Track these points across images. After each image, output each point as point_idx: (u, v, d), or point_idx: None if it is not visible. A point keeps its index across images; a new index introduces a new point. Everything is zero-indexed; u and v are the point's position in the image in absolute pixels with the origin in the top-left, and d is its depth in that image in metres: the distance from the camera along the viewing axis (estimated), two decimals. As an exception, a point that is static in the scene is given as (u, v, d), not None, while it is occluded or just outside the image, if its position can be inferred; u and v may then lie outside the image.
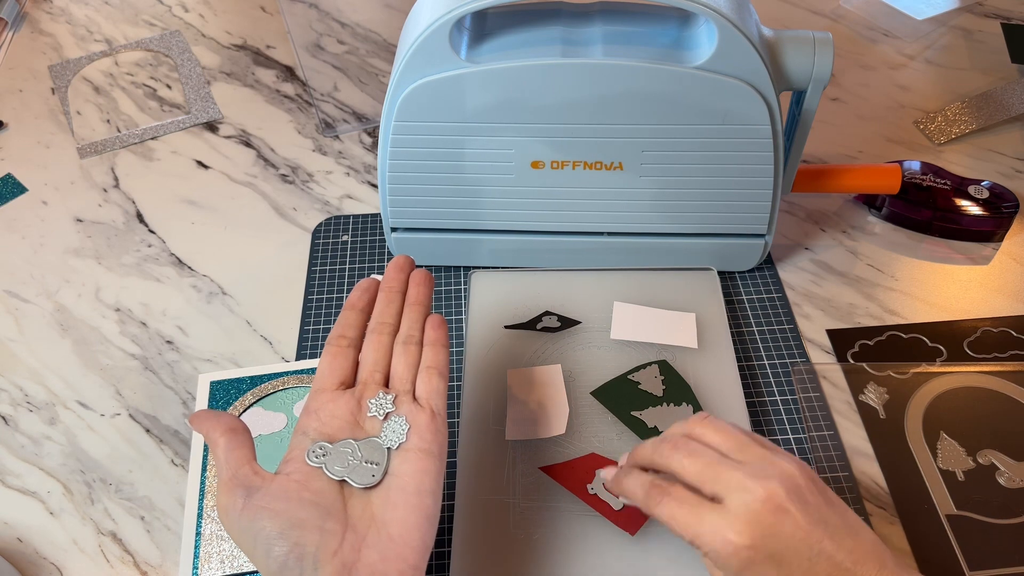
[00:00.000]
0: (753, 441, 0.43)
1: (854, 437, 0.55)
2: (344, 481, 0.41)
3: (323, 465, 0.41)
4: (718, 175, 0.58)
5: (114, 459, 0.56)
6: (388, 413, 0.44)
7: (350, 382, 0.46)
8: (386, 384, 0.46)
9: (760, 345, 0.60)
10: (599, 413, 0.55)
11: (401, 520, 0.40)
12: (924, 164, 0.69)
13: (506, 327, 0.60)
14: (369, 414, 0.44)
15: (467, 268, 0.65)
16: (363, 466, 0.42)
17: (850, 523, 0.41)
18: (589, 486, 0.51)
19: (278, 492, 0.40)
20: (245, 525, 0.39)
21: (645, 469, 0.45)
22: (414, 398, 0.45)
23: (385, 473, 0.42)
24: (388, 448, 0.43)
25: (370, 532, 0.40)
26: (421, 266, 0.65)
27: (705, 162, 0.57)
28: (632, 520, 0.49)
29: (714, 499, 0.41)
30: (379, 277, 0.50)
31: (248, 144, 0.77)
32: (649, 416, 0.54)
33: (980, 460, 0.54)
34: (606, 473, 0.49)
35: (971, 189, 0.67)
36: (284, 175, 0.74)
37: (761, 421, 0.56)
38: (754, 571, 0.39)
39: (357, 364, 0.47)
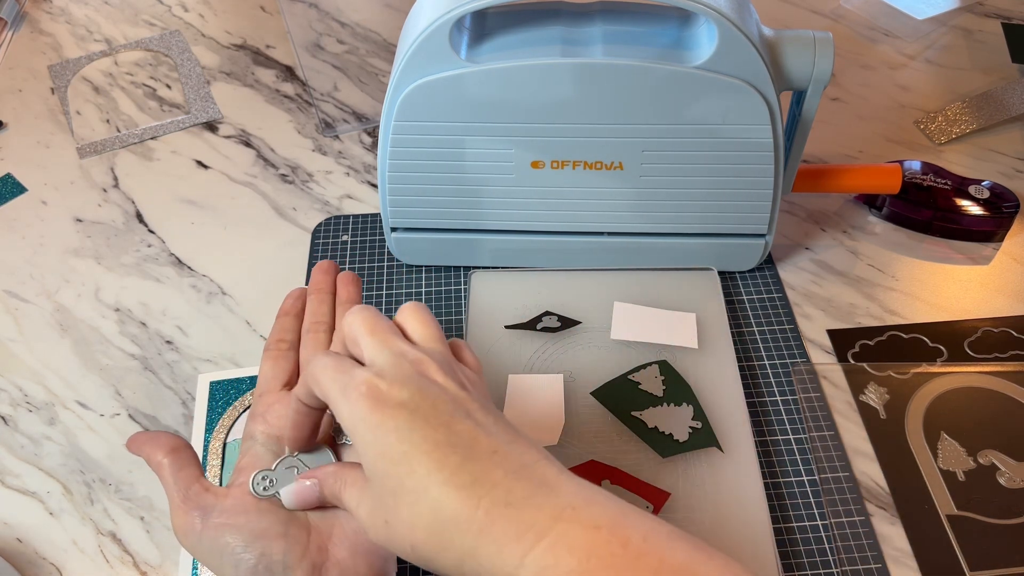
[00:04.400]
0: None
1: (854, 437, 0.55)
2: None
3: (275, 495, 0.40)
4: (718, 175, 0.58)
5: (114, 459, 0.56)
6: None
7: (293, 383, 0.46)
8: None
9: (760, 345, 0.60)
10: (599, 413, 0.55)
11: None
12: (924, 164, 0.69)
13: (506, 327, 0.60)
14: None
15: (467, 268, 0.65)
16: None
17: (510, 425, 0.37)
18: None
19: (235, 507, 0.40)
20: (208, 544, 0.39)
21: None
22: None
23: None
24: (345, 444, 0.43)
25: (335, 529, 0.40)
26: (421, 266, 0.65)
27: (705, 162, 0.57)
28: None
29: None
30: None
31: (248, 144, 0.77)
32: (649, 416, 0.54)
33: (981, 460, 0.54)
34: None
35: (972, 189, 0.67)
36: (284, 175, 0.74)
37: (761, 421, 0.56)
38: (380, 415, 0.34)
39: (298, 366, 0.47)
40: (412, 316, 0.40)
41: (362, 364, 0.38)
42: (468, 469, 0.32)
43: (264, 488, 0.41)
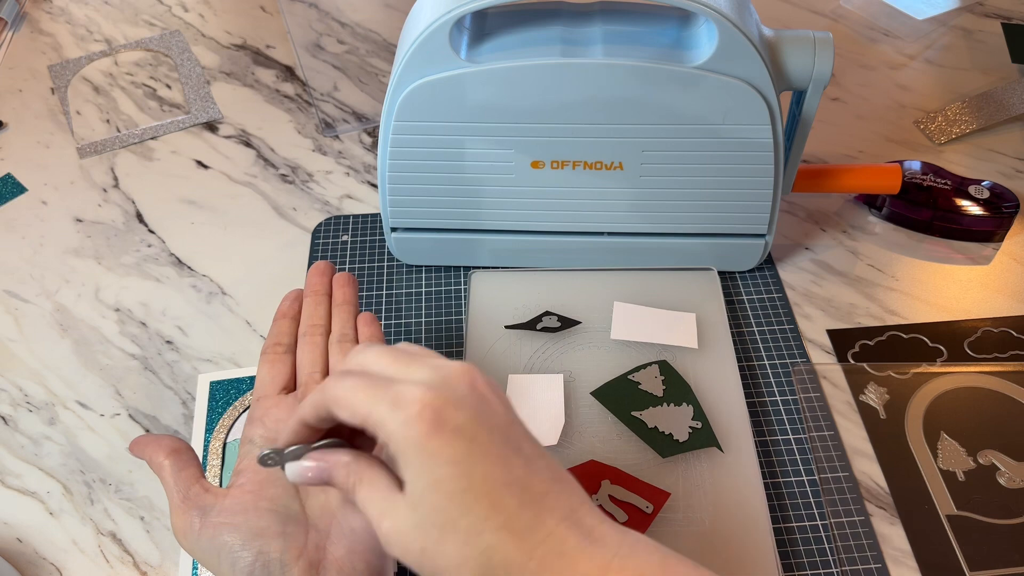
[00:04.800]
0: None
1: (854, 437, 0.55)
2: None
3: (280, 467, 0.39)
4: (718, 175, 0.58)
5: (114, 459, 0.56)
6: None
7: (291, 387, 0.46)
8: None
9: (760, 345, 0.60)
10: (599, 413, 0.55)
11: None
12: (924, 164, 0.69)
13: (506, 327, 0.60)
14: None
15: (467, 268, 0.65)
16: None
17: (547, 455, 0.35)
18: (594, 496, 0.51)
19: (234, 506, 0.40)
20: (206, 544, 0.39)
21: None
22: None
23: None
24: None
25: (333, 528, 0.40)
26: (421, 266, 0.65)
27: (705, 162, 0.57)
28: (637, 526, 0.49)
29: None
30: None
31: (248, 144, 0.77)
32: (649, 416, 0.54)
33: (980, 460, 0.54)
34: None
35: (971, 189, 0.67)
36: (284, 175, 0.74)
37: (761, 421, 0.56)
38: (439, 442, 0.32)
39: (295, 369, 0.47)
40: (381, 353, 0.37)
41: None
42: (523, 515, 0.32)
43: (272, 462, 0.38)
